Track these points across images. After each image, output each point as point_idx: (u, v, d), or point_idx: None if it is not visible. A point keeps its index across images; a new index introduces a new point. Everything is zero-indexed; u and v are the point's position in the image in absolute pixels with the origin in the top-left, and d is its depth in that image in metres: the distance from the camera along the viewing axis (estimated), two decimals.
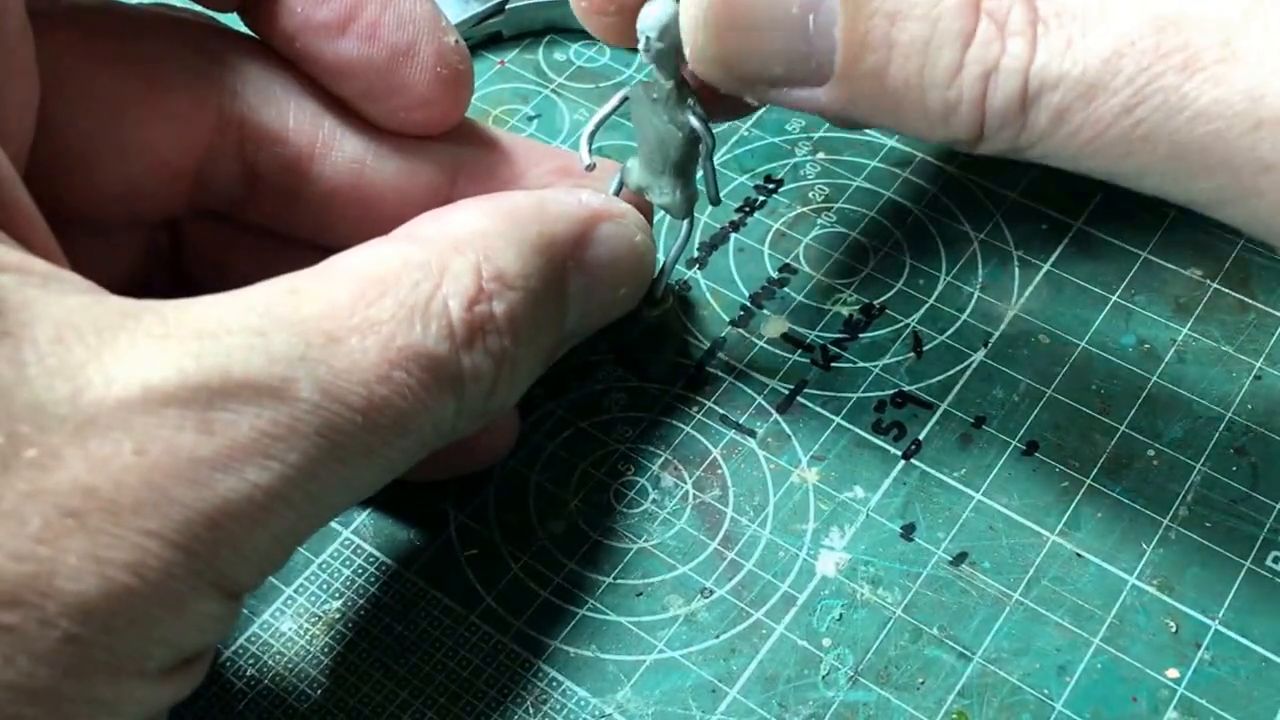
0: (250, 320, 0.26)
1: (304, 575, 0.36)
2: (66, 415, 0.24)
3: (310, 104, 0.35)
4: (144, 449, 0.24)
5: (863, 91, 0.31)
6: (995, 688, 0.34)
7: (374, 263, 0.29)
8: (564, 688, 0.34)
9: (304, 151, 0.35)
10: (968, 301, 0.42)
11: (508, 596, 0.36)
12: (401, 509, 0.37)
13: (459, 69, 0.35)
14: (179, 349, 0.25)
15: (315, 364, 0.27)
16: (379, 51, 0.33)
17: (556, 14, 0.50)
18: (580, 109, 0.48)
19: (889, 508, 0.37)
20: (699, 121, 0.34)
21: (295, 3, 0.33)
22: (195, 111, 0.33)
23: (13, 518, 0.23)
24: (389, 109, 0.35)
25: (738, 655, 0.34)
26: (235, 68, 0.34)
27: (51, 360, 0.24)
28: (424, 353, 0.29)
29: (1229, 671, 0.34)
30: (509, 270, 0.31)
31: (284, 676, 0.34)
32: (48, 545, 0.23)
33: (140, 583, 0.24)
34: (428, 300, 0.29)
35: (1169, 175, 0.29)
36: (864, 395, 0.40)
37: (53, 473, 0.23)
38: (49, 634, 0.23)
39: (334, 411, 0.27)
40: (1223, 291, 0.42)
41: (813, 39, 0.31)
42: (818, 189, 0.45)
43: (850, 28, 0.30)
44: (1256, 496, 0.37)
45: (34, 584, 0.23)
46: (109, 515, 0.23)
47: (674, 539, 0.37)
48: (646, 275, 0.36)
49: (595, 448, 0.39)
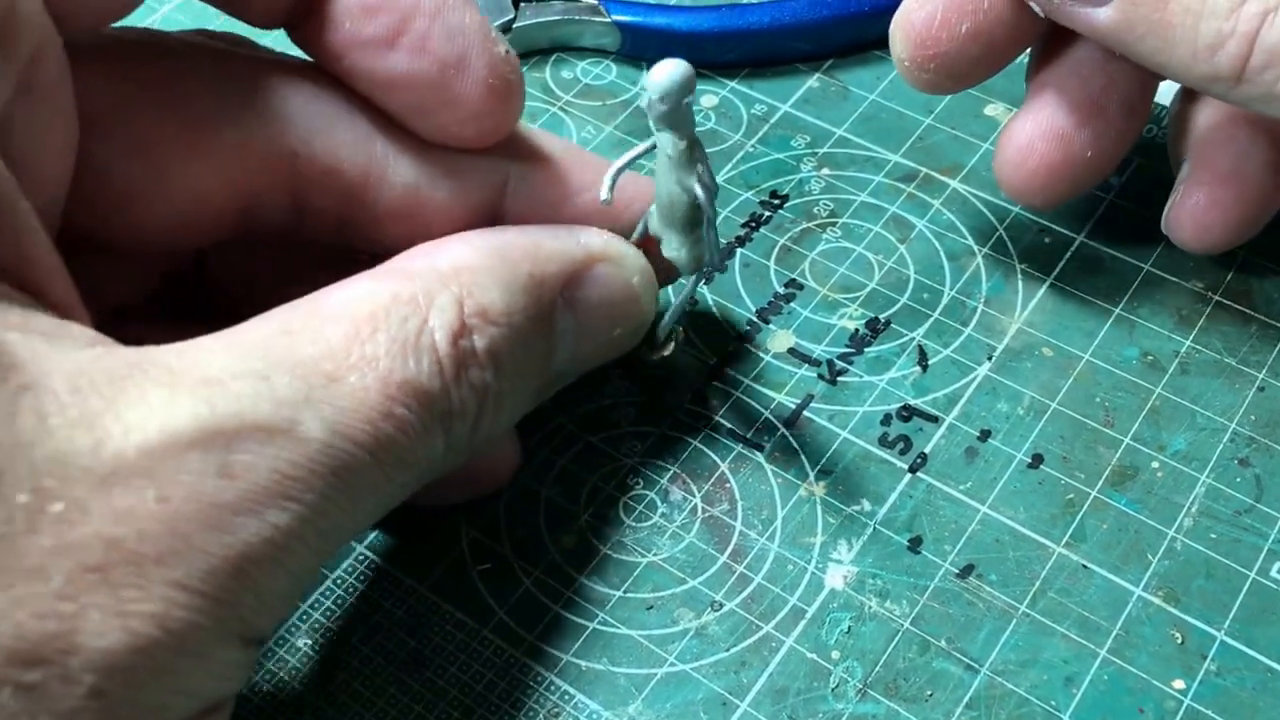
0: (252, 365, 0.27)
1: (319, 591, 0.36)
2: (90, 466, 0.23)
3: (360, 126, 0.34)
4: (167, 497, 0.24)
5: (1142, 15, 0.34)
6: (1003, 699, 0.34)
7: (364, 299, 0.29)
8: (576, 701, 0.34)
9: (357, 181, 0.34)
10: (972, 315, 0.42)
11: (519, 611, 0.36)
12: (414, 525, 0.37)
13: (510, 79, 0.34)
14: (189, 396, 0.25)
15: (320, 404, 0.27)
16: (429, 65, 0.33)
17: (563, 32, 0.51)
18: (587, 126, 0.48)
19: (896, 521, 0.37)
20: (702, 190, 0.34)
21: (343, 18, 0.33)
22: (239, 149, 0.33)
23: (37, 575, 0.23)
24: (440, 123, 0.34)
25: (748, 668, 0.35)
26: (280, 100, 0.33)
27: (72, 411, 0.24)
28: (419, 387, 0.29)
29: (1235, 682, 0.34)
30: (492, 306, 0.31)
31: (299, 691, 0.34)
32: (70, 601, 0.23)
33: (165, 634, 0.24)
34: (417, 335, 0.29)
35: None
36: (870, 409, 0.40)
37: (77, 526, 0.23)
38: (73, 691, 0.23)
39: (344, 450, 0.27)
40: (1225, 304, 0.42)
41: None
42: (823, 204, 0.46)
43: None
44: (1261, 508, 0.37)
45: (56, 642, 0.23)
46: (133, 567, 0.23)
47: (683, 553, 0.37)
48: (643, 317, 0.36)
49: (605, 462, 0.39)
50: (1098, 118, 0.40)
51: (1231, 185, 0.40)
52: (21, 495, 0.23)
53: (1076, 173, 0.40)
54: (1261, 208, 0.40)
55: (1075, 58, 0.40)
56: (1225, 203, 0.40)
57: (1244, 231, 0.40)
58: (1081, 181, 0.41)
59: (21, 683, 0.22)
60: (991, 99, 0.48)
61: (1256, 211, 0.40)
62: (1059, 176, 0.40)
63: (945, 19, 0.39)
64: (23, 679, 0.22)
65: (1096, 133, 0.40)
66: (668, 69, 0.31)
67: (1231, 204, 0.40)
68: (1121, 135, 0.40)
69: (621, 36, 0.50)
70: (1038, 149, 0.40)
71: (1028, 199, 0.42)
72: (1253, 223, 0.40)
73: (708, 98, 0.49)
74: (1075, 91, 0.40)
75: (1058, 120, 0.40)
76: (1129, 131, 0.40)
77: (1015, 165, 0.41)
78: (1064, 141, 0.40)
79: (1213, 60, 0.34)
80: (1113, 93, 0.40)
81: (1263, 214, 0.40)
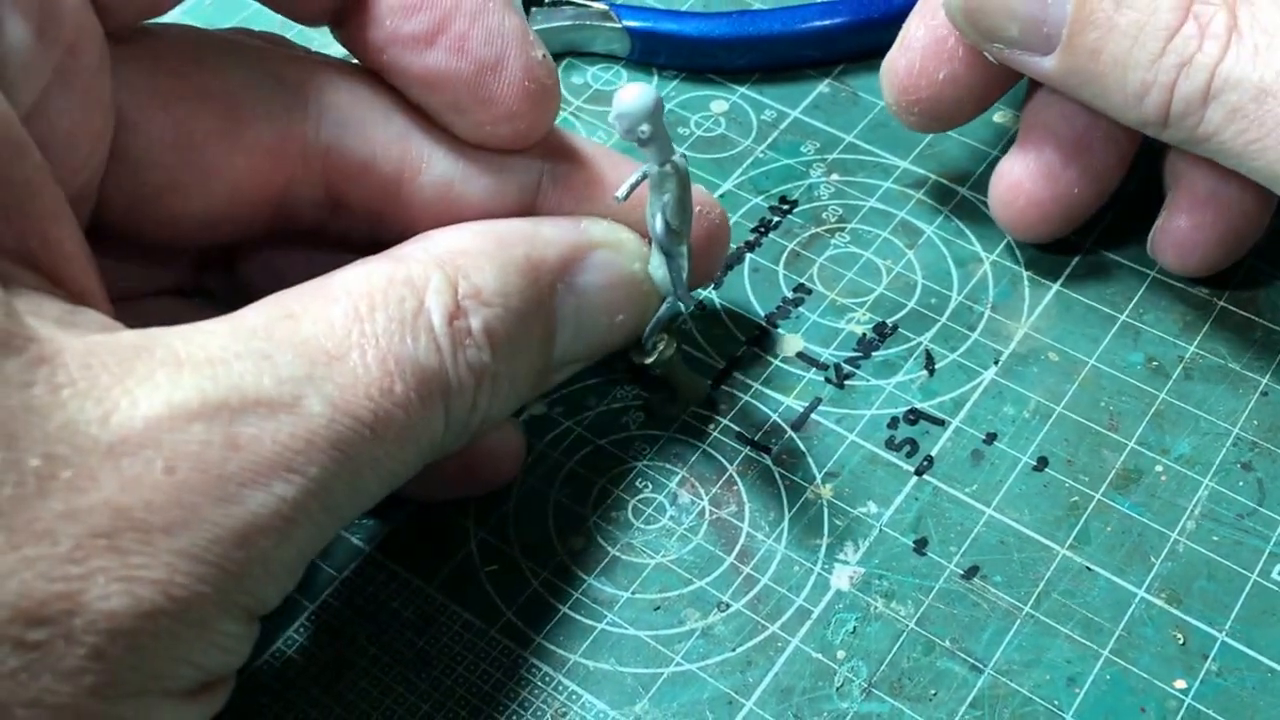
0: (255, 345, 0.27)
1: (328, 591, 0.37)
2: (99, 436, 0.24)
3: (397, 123, 0.35)
4: (173, 467, 0.25)
5: (1080, 64, 0.37)
6: (1006, 699, 0.34)
7: (363, 280, 0.30)
8: (583, 700, 0.34)
9: (391, 177, 0.35)
10: (979, 320, 0.42)
11: (527, 611, 0.36)
12: (423, 526, 0.38)
13: (546, 83, 0.34)
14: (194, 374, 0.26)
15: (321, 381, 0.27)
16: (467, 64, 0.33)
17: (574, 37, 0.51)
18: (598, 131, 0.49)
19: (902, 522, 0.38)
20: (660, 224, 0.34)
21: (384, 15, 0.33)
22: (276, 144, 0.34)
23: (46, 538, 0.23)
24: (476, 122, 0.34)
25: (754, 668, 0.35)
26: (318, 96, 0.34)
27: (83, 384, 0.24)
28: (417, 364, 0.29)
29: (1235, 682, 0.34)
30: (486, 287, 0.32)
31: (307, 690, 0.35)
32: (78, 564, 0.23)
33: (168, 601, 0.24)
34: (414, 315, 0.30)
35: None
36: (877, 412, 0.40)
37: (87, 493, 0.24)
38: (75, 651, 0.23)
39: (346, 425, 0.27)
40: (1229, 310, 0.42)
41: (1049, 8, 0.37)
42: (831, 210, 0.46)
43: (1082, 3, 0.36)
44: (1263, 511, 0.37)
45: (62, 602, 0.23)
46: (140, 534, 0.24)
47: (691, 554, 0.37)
48: (644, 305, 0.37)
49: (613, 465, 0.39)
50: (1084, 155, 0.41)
51: (1211, 209, 0.40)
52: (34, 460, 0.23)
53: (1065, 209, 0.42)
54: (1242, 232, 0.41)
55: (1060, 97, 0.40)
56: (1206, 226, 0.40)
57: (1226, 255, 0.41)
58: (1072, 217, 0.42)
59: (25, 640, 0.23)
60: (1001, 106, 0.48)
61: (1238, 235, 0.41)
62: (1048, 212, 0.42)
63: (924, 67, 0.41)
64: (27, 637, 0.23)
65: (1083, 170, 0.41)
66: (624, 94, 0.31)
67: (1212, 228, 0.40)
68: (1109, 171, 0.41)
69: (632, 42, 0.51)
70: (1025, 187, 0.42)
71: (1021, 234, 0.43)
72: (1234, 246, 0.41)
73: (718, 103, 0.50)
74: (1061, 130, 0.41)
75: (1045, 158, 0.41)
76: (1116, 168, 0.42)
77: (1006, 203, 0.42)
78: (1051, 179, 0.41)
79: (1140, 107, 0.36)
80: (1097, 131, 0.41)
81: (1244, 238, 0.41)
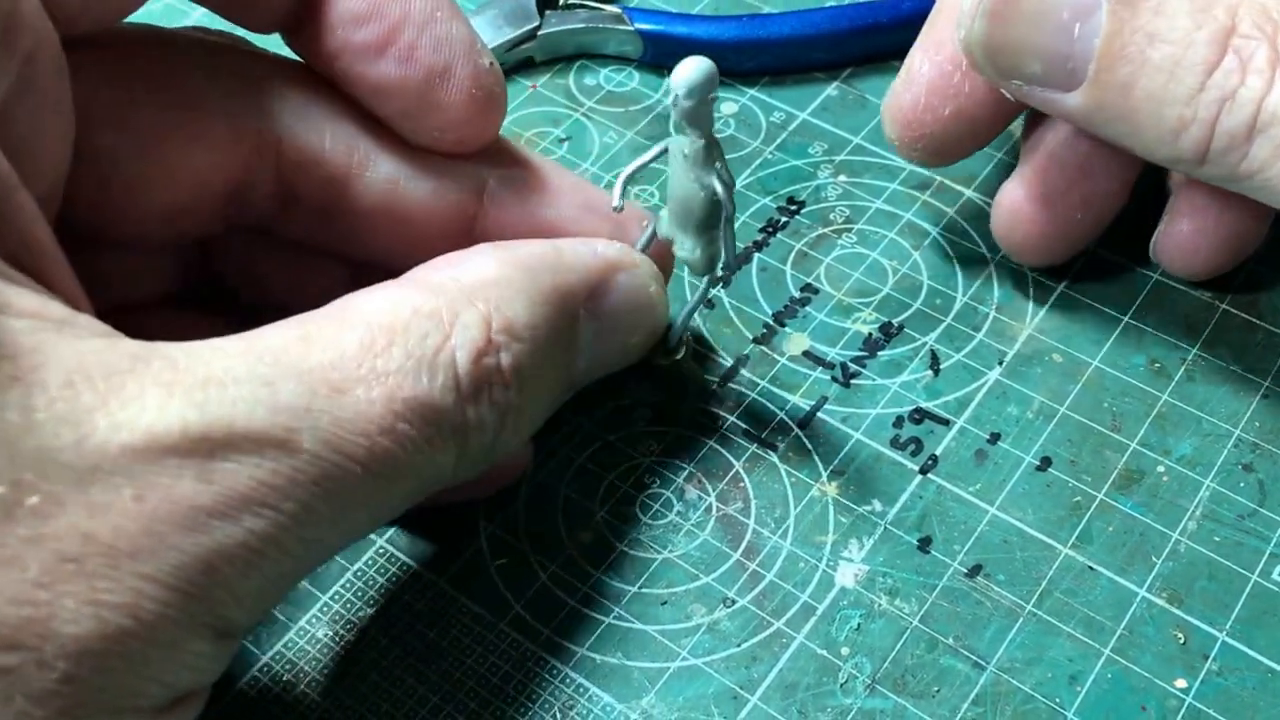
0: (258, 369, 0.27)
1: (339, 583, 0.37)
2: (70, 462, 0.24)
3: (347, 125, 0.35)
4: (143, 496, 0.25)
5: (1109, 100, 0.35)
6: (1008, 696, 0.34)
7: (385, 309, 0.30)
8: (590, 693, 0.35)
9: (339, 172, 0.35)
10: (984, 321, 0.43)
11: (536, 605, 0.37)
12: (433, 520, 0.38)
13: (493, 91, 0.35)
14: (185, 398, 0.25)
15: (319, 415, 0.27)
16: (416, 72, 0.34)
17: (587, 40, 0.52)
18: (609, 132, 0.49)
19: (906, 521, 0.38)
20: (722, 186, 0.34)
21: (335, 25, 0.34)
22: (234, 137, 0.34)
23: (13, 564, 0.23)
24: (424, 128, 0.35)
25: (759, 663, 0.35)
26: (272, 92, 0.35)
27: (60, 406, 0.24)
28: (429, 404, 0.29)
29: (1236, 682, 0.35)
30: (517, 321, 0.31)
31: (319, 680, 0.35)
32: (46, 590, 0.23)
33: (136, 624, 0.24)
34: (436, 352, 0.30)
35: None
36: (883, 411, 0.41)
37: (53, 519, 0.24)
38: (47, 675, 0.23)
39: (334, 463, 0.27)
40: (1232, 312, 0.43)
41: (1075, 43, 0.35)
42: (839, 210, 0.46)
43: (1111, 39, 0.34)
44: (1264, 512, 0.38)
45: (32, 627, 0.23)
46: (106, 560, 0.24)
47: (697, 550, 0.38)
48: (658, 325, 0.37)
49: (622, 461, 0.40)
50: (1085, 181, 0.41)
51: (1213, 214, 0.40)
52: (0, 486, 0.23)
53: (1067, 233, 0.42)
54: (1244, 236, 0.41)
55: (1062, 124, 0.40)
56: (1208, 231, 0.41)
57: (1229, 259, 0.41)
58: (1074, 241, 0.42)
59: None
60: None
61: (1240, 240, 0.41)
62: (1050, 237, 0.42)
63: (929, 103, 0.40)
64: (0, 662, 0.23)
65: (1084, 195, 0.41)
66: (692, 66, 0.32)
67: (1214, 232, 0.41)
68: (1111, 197, 0.41)
69: (644, 44, 0.51)
70: (1026, 212, 0.41)
71: (1023, 258, 0.43)
72: (1236, 250, 0.41)
73: (728, 105, 0.50)
74: (1063, 156, 0.41)
75: (1047, 184, 0.41)
76: (1118, 194, 0.41)
77: (1008, 228, 0.42)
78: (1052, 205, 0.41)
79: (1176, 144, 0.35)
80: (1098, 157, 0.40)
81: (1246, 242, 0.41)
